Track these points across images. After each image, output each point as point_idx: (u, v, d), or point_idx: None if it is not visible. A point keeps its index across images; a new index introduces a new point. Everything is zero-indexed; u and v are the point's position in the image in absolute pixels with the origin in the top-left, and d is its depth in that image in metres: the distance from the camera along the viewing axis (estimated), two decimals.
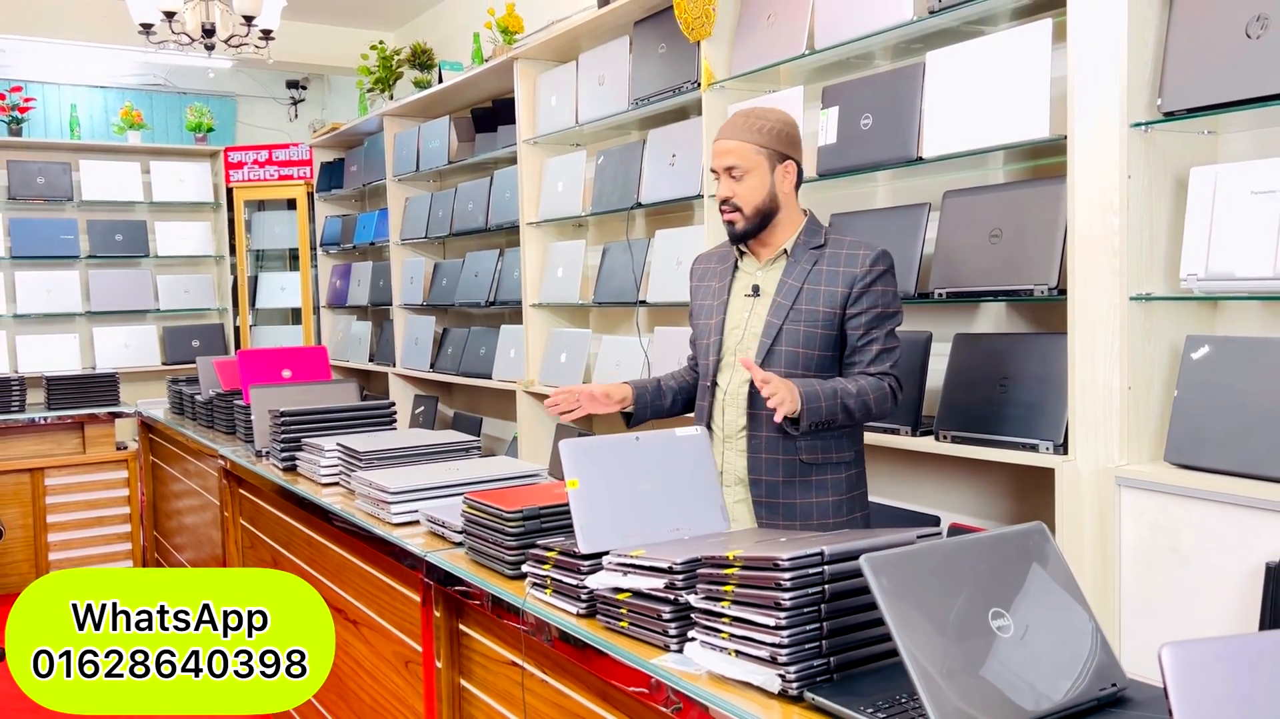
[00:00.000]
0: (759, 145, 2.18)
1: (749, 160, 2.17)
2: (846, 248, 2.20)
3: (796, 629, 1.34)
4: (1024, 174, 2.69)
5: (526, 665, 1.88)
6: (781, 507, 2.18)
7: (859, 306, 2.15)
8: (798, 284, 2.18)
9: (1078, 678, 1.28)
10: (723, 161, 2.18)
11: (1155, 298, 2.20)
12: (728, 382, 2.24)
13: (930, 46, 2.69)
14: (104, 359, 6.53)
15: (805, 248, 2.21)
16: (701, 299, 2.35)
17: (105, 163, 6.69)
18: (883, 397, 2.12)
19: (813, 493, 2.18)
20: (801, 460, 2.17)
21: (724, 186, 2.19)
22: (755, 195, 2.18)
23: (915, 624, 1.21)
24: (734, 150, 2.18)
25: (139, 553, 5.48)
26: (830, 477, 2.19)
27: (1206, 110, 2.08)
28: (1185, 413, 2.13)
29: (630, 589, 1.59)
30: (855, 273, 2.15)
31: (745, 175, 2.17)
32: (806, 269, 2.19)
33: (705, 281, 2.36)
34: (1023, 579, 1.33)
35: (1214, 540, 2.01)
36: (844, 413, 2.08)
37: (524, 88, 4.33)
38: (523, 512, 1.92)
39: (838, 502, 2.20)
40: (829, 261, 2.18)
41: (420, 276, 5.45)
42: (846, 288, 2.15)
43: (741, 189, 2.18)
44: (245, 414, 3.60)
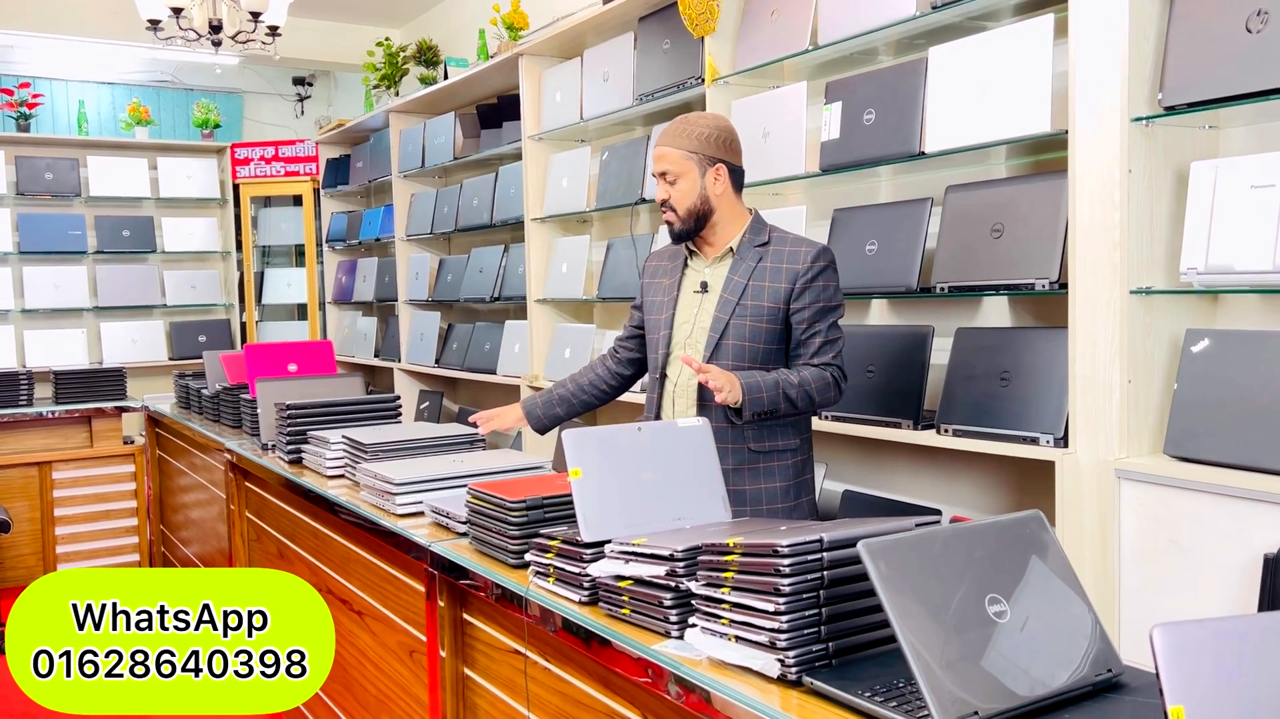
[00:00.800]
0: (688, 150, 2.31)
1: (679, 165, 2.31)
2: (789, 245, 2.32)
3: (795, 615, 1.35)
4: (1026, 169, 2.70)
5: (530, 654, 1.90)
6: (732, 493, 2.24)
7: (802, 302, 2.27)
8: (743, 281, 2.30)
9: (1075, 664, 1.29)
10: (657, 167, 2.33)
11: (1155, 291, 2.21)
12: (677, 374, 2.38)
13: (933, 42, 2.70)
14: (111, 354, 6.56)
15: (750, 246, 2.33)
16: (652, 295, 2.48)
17: (113, 159, 6.72)
18: (825, 386, 2.25)
19: (761, 479, 2.31)
20: (750, 449, 2.30)
21: (660, 190, 2.33)
22: (686, 198, 2.31)
23: (912, 610, 1.23)
24: (666, 155, 2.32)
25: (145, 547, 5.51)
26: (777, 463, 2.33)
27: (1207, 105, 2.10)
28: (1185, 406, 2.14)
29: (632, 577, 1.61)
30: (798, 269, 2.27)
31: (678, 179, 2.31)
32: (751, 266, 2.31)
33: (656, 279, 2.49)
34: (1020, 566, 1.34)
35: (1213, 532, 2.02)
36: (786, 402, 2.21)
37: (529, 84, 4.35)
38: (526, 501, 1.94)
39: (785, 487, 2.33)
40: (773, 259, 2.31)
41: (425, 272, 5.47)
42: (789, 284, 2.27)
43: (675, 192, 2.31)
44: (251, 408, 3.62)
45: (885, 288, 2.78)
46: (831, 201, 3.12)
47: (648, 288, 2.51)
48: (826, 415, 2.87)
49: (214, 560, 4.31)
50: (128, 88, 7.20)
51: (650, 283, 2.51)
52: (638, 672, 1.53)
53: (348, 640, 2.77)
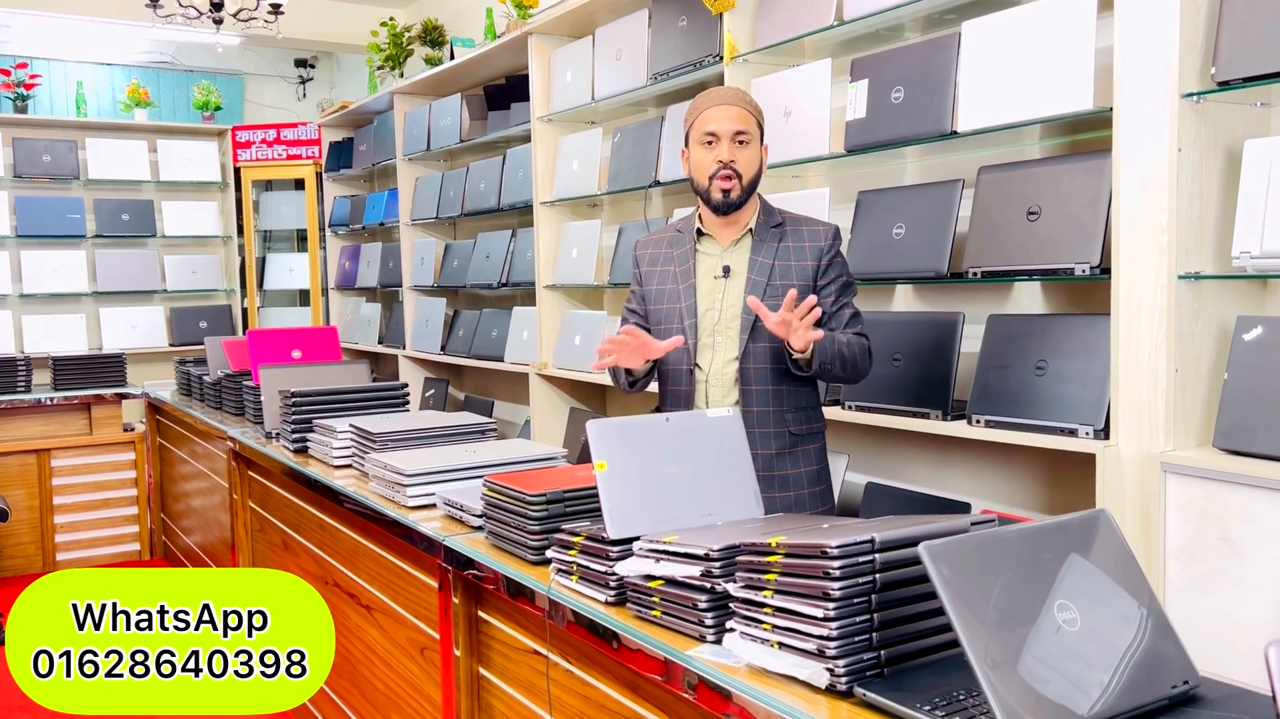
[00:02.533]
0: (757, 119, 2.22)
1: (753, 129, 2.20)
2: (804, 224, 2.27)
3: (846, 621, 1.25)
4: (1061, 149, 2.59)
5: (551, 655, 1.80)
6: (776, 479, 2.21)
7: (828, 277, 2.23)
8: (769, 262, 2.22)
9: (1149, 676, 1.20)
10: (731, 126, 2.16)
11: (1205, 276, 2.11)
12: (709, 363, 2.24)
13: (965, 16, 2.59)
14: (110, 340, 6.46)
15: (766, 227, 2.25)
16: (659, 284, 2.32)
17: (112, 141, 6.61)
18: (864, 353, 2.19)
19: (800, 463, 2.24)
20: (790, 431, 2.23)
21: (727, 150, 2.17)
22: (753, 165, 2.21)
23: (976, 616, 1.13)
24: (742, 117, 2.18)
25: (146, 536, 5.43)
26: (813, 446, 2.27)
27: (1264, 79, 1.99)
28: (1235, 396, 2.04)
29: (663, 577, 1.51)
30: (821, 246, 2.23)
31: (749, 143, 2.19)
32: (774, 247, 2.23)
33: (658, 267, 2.33)
34: (1087, 570, 1.24)
35: (1266, 530, 1.92)
36: (839, 360, 2.12)
37: (538, 64, 4.24)
38: (546, 495, 1.84)
39: (816, 470, 2.27)
40: (793, 238, 2.24)
41: (431, 258, 5.36)
42: (815, 261, 2.22)
43: (743, 156, 2.18)
44: (255, 395, 3.53)
45: (913, 273, 2.68)
46: (855, 184, 3.01)
47: (648, 276, 2.35)
48: (850, 405, 2.77)
49: (216, 551, 4.22)
50: (127, 69, 7.08)
51: (651, 270, 2.34)
52: (671, 678, 1.44)
53: (355, 636, 2.69)
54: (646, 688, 1.56)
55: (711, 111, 2.19)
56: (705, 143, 2.19)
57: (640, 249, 2.40)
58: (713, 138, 2.17)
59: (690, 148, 2.24)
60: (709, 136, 2.18)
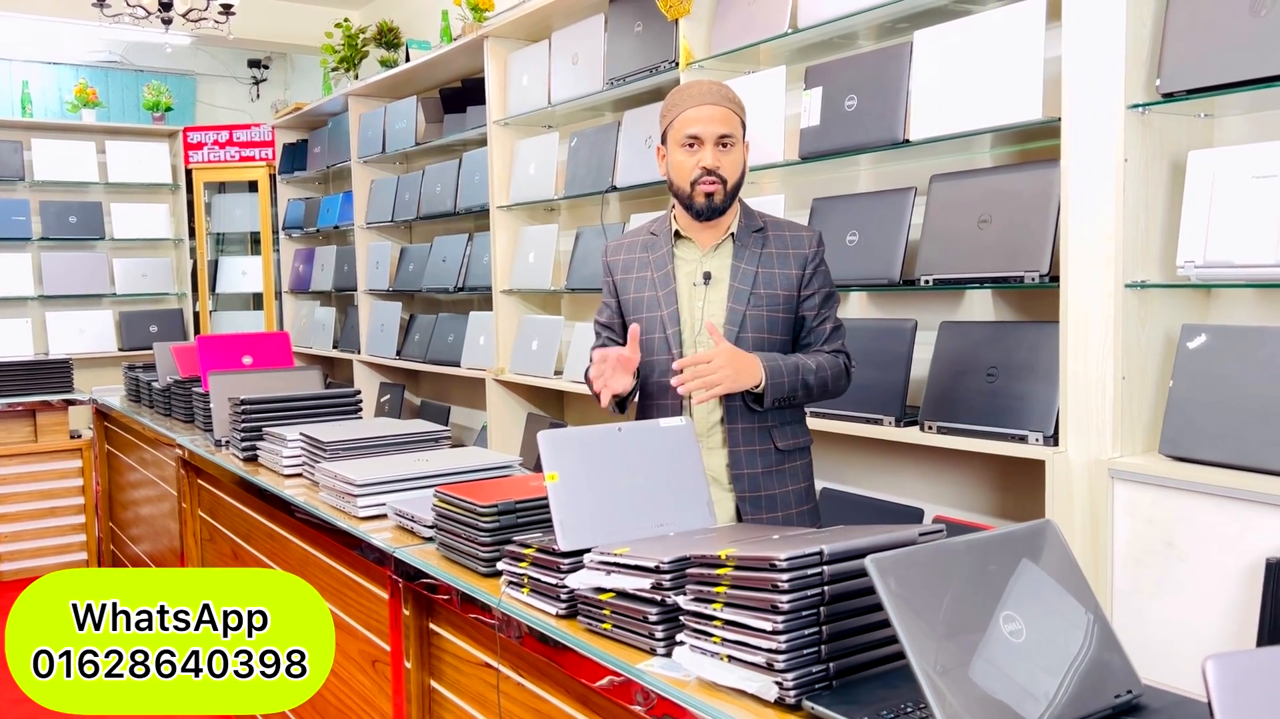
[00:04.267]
0: (741, 118, 2.08)
1: (737, 130, 2.06)
2: (788, 229, 2.15)
3: (794, 634, 1.25)
4: (1012, 158, 2.62)
5: (502, 668, 1.78)
6: (764, 499, 2.12)
7: (812, 287, 2.12)
8: (752, 268, 2.10)
9: (1094, 686, 1.21)
10: (715, 129, 2.02)
11: (1150, 285, 2.14)
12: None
13: (917, 25, 2.61)
14: (57, 344, 6.33)
15: (748, 231, 2.12)
16: (635, 291, 2.17)
17: (59, 142, 6.48)
18: (839, 373, 2.10)
19: (788, 481, 2.14)
20: (777, 448, 2.12)
21: (711, 156, 2.02)
22: (737, 169, 2.07)
23: (923, 629, 1.13)
24: (727, 118, 2.04)
25: (94, 544, 5.31)
26: (800, 463, 2.17)
27: (1207, 91, 2.02)
28: (1181, 404, 2.07)
29: (614, 589, 1.50)
30: (805, 254, 2.12)
31: (733, 146, 2.05)
32: (756, 253, 2.11)
33: (633, 273, 2.19)
34: (1036, 580, 1.25)
35: (1211, 536, 1.95)
36: (804, 389, 2.04)
37: (494, 67, 4.21)
38: (498, 506, 1.82)
39: (805, 488, 2.17)
40: (776, 244, 2.12)
41: (386, 261, 5.31)
42: (799, 269, 2.11)
43: (728, 160, 2.04)
44: (204, 402, 3.46)
45: (866, 280, 2.69)
46: (810, 190, 3.03)
47: (623, 284, 2.20)
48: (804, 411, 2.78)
49: (165, 560, 4.14)
50: (75, 68, 6.94)
51: (626, 278, 2.20)
52: (620, 692, 1.43)
53: None
54: (597, 701, 1.55)
55: (694, 112, 2.03)
56: (687, 145, 2.04)
57: (611, 255, 2.25)
58: (695, 140, 2.03)
59: (669, 148, 2.09)
60: (691, 139, 2.03)
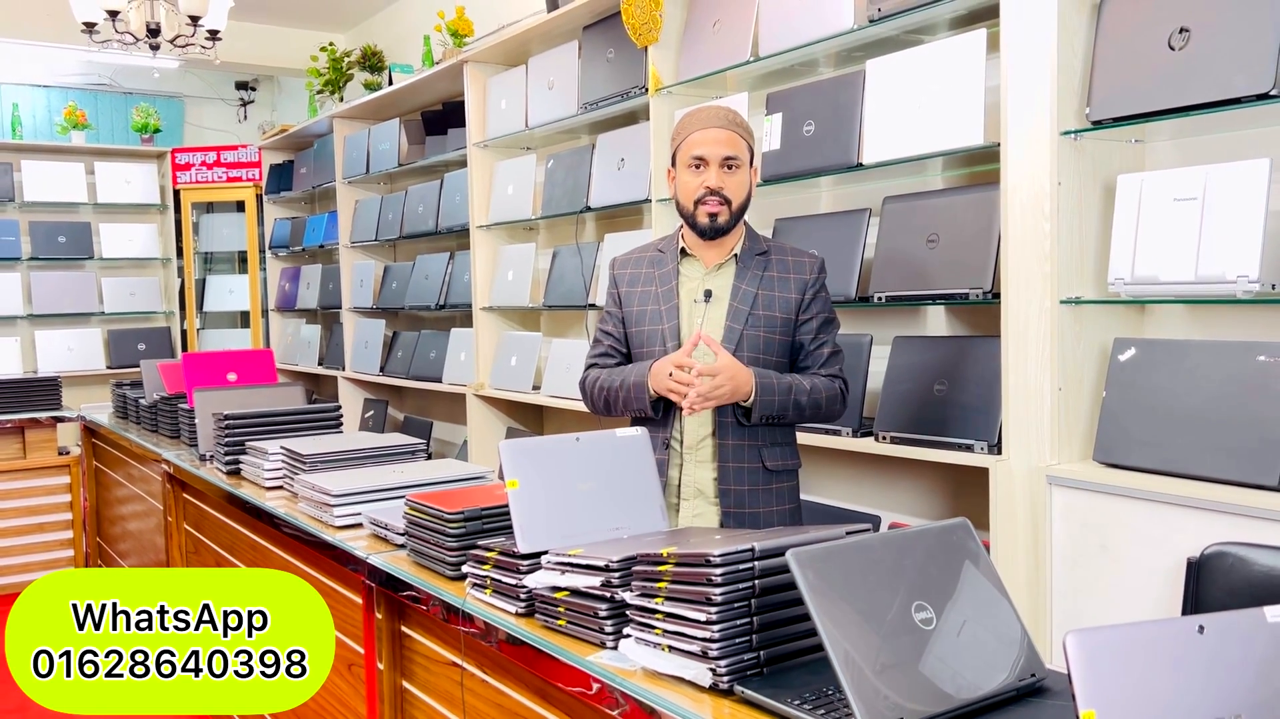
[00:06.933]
0: (748, 141, 2.15)
1: (743, 153, 2.13)
2: (790, 254, 2.22)
3: (727, 624, 1.36)
4: (961, 180, 2.74)
5: (466, 665, 1.88)
6: (748, 516, 2.15)
7: (810, 312, 2.18)
8: (753, 289, 2.16)
9: (1001, 669, 1.31)
10: (720, 151, 2.09)
11: (1085, 301, 2.26)
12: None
13: (870, 55, 2.74)
14: (46, 363, 6.41)
15: (751, 253, 2.19)
16: (639, 305, 2.25)
17: (48, 163, 6.58)
18: (834, 397, 2.15)
19: (774, 501, 2.18)
20: (765, 467, 2.16)
21: (716, 177, 2.09)
22: (742, 191, 2.14)
23: (840, 618, 1.24)
24: (733, 141, 2.11)
25: (82, 559, 5.38)
26: (787, 484, 2.21)
27: (1132, 120, 2.15)
28: (1113, 414, 2.19)
29: (568, 588, 1.60)
30: (806, 279, 2.18)
31: (738, 168, 2.12)
32: (759, 274, 2.17)
33: (638, 287, 2.26)
34: (947, 573, 1.36)
35: (1139, 537, 2.07)
36: (795, 409, 2.09)
37: (474, 91, 4.34)
38: (464, 513, 1.93)
39: (791, 509, 2.21)
40: (778, 268, 2.19)
41: (370, 279, 5.42)
42: (799, 293, 2.17)
43: (733, 182, 2.11)
44: (189, 418, 3.56)
45: None
46: (774, 211, 3.15)
47: (628, 297, 2.26)
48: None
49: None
50: (64, 90, 7.04)
51: (631, 291, 2.26)
52: (574, 683, 1.53)
53: None
54: (556, 694, 1.65)
55: (699, 135, 2.10)
56: (693, 166, 2.11)
57: (619, 268, 2.31)
58: (700, 162, 2.10)
59: (677, 169, 2.16)
60: (696, 160, 2.10)
